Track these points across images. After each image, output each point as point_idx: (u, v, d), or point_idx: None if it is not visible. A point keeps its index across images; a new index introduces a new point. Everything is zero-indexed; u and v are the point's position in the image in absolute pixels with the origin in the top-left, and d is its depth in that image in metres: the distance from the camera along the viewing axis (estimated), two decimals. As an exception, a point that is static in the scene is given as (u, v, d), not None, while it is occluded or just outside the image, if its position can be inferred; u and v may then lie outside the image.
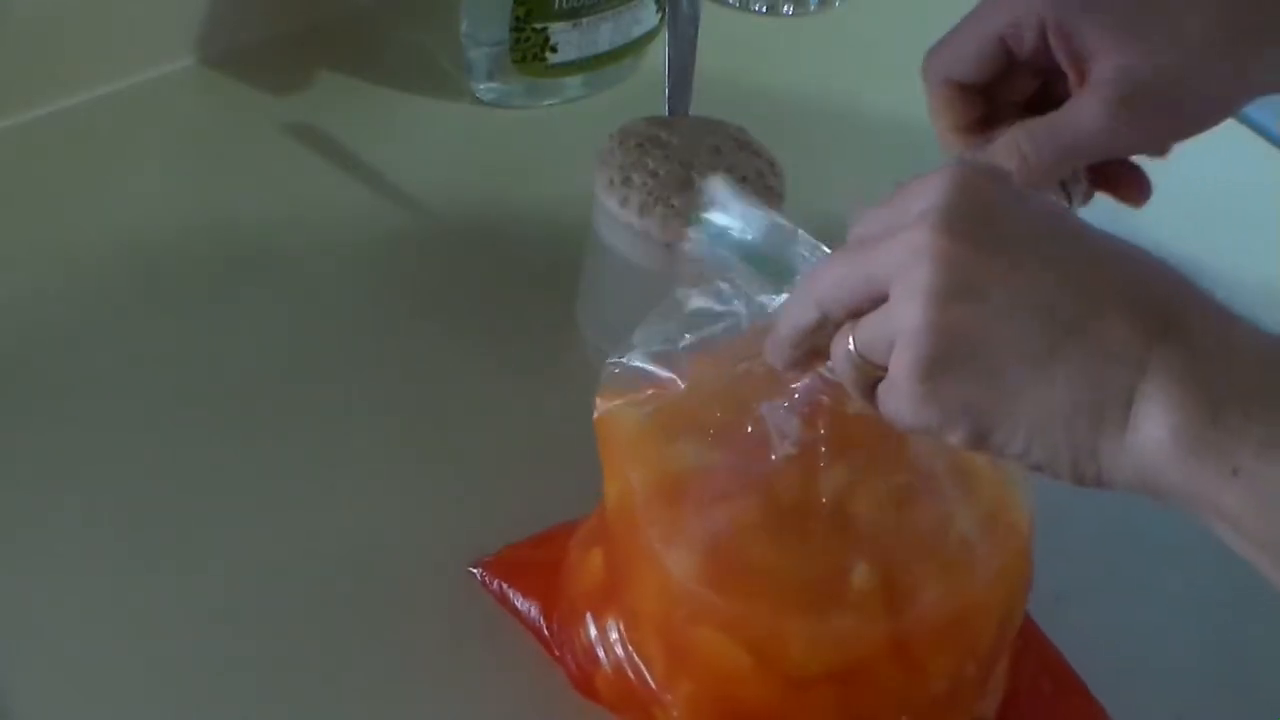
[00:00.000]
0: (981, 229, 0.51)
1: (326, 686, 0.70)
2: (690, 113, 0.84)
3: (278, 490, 0.76)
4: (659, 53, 0.98)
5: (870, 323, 0.54)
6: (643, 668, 0.66)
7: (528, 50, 0.93)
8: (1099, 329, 0.50)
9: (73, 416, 0.79)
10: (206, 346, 0.83)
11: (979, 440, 0.53)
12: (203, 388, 0.81)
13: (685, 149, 0.78)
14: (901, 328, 0.52)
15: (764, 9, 1.05)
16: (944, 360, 0.51)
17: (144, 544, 0.74)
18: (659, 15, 0.96)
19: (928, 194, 0.52)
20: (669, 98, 0.83)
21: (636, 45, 0.97)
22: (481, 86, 0.96)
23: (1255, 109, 0.98)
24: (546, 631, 0.71)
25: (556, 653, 0.70)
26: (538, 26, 0.92)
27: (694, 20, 0.82)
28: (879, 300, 0.53)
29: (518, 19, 0.92)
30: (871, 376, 0.54)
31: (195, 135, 0.95)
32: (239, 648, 0.70)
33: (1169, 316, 0.51)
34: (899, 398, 0.53)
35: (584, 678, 0.69)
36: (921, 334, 0.51)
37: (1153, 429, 0.50)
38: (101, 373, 0.81)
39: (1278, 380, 0.49)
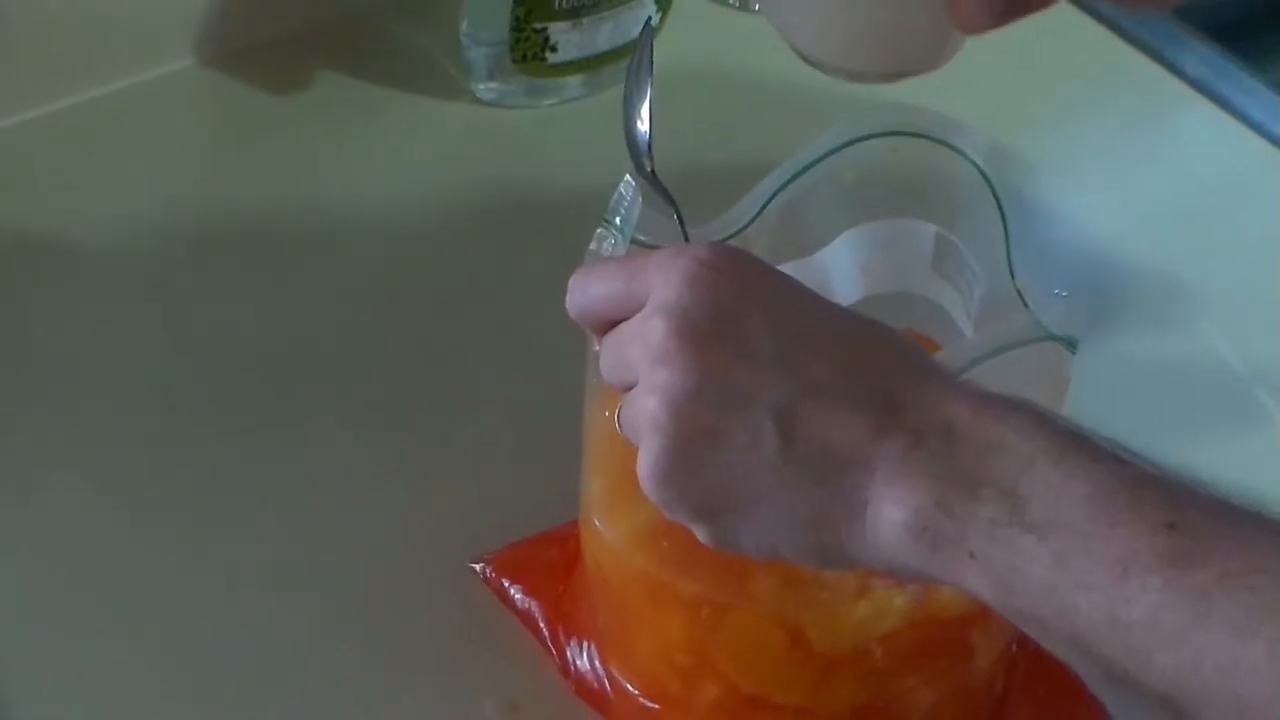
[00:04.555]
0: (715, 329, 0.52)
1: (325, 684, 0.70)
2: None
3: (278, 487, 0.76)
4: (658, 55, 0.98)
5: (627, 406, 0.54)
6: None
7: (528, 50, 0.93)
8: (827, 430, 0.51)
9: (70, 417, 0.79)
10: (204, 346, 0.83)
11: (723, 543, 0.53)
12: (201, 387, 0.81)
13: None
14: (643, 425, 0.52)
15: (764, 9, 1.05)
16: (679, 466, 0.52)
17: (143, 541, 0.74)
18: (659, 15, 0.96)
19: (667, 283, 0.53)
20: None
21: (636, 45, 0.96)
22: (481, 86, 0.96)
23: (1255, 109, 0.98)
24: (546, 634, 0.71)
25: (554, 654, 0.70)
26: (538, 26, 0.92)
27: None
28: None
29: (518, 19, 0.92)
30: None
31: (195, 135, 0.95)
32: (238, 645, 0.70)
33: (891, 404, 0.51)
34: (647, 491, 0.53)
35: (579, 682, 0.69)
36: (656, 438, 0.52)
37: (887, 527, 0.50)
38: (99, 371, 0.81)
39: (999, 459, 0.49)
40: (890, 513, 0.50)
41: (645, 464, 0.52)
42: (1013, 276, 0.62)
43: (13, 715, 0.68)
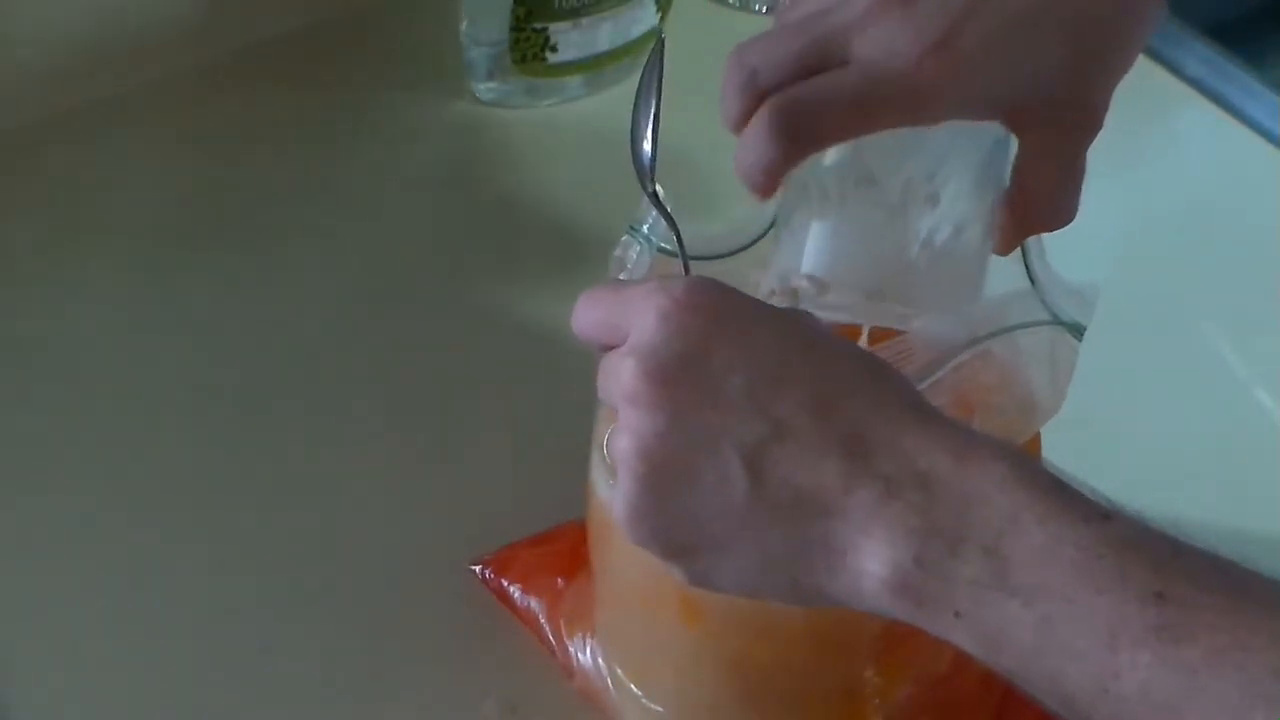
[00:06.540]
0: (684, 369, 0.51)
1: (326, 684, 0.70)
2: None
3: (278, 488, 0.77)
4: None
5: (611, 438, 0.54)
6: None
7: (528, 50, 0.93)
8: (795, 473, 0.50)
9: (71, 416, 0.79)
10: (204, 346, 0.83)
11: (699, 581, 0.53)
12: (202, 387, 0.81)
13: None
14: (618, 462, 0.52)
15: (764, 9, 1.05)
16: (650, 505, 0.52)
17: (142, 541, 0.74)
18: (659, 15, 0.96)
19: (641, 322, 0.52)
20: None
21: (636, 45, 0.97)
22: (481, 86, 0.97)
23: (1255, 109, 0.98)
24: (548, 629, 0.71)
25: (555, 650, 0.70)
26: (538, 26, 0.92)
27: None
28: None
29: (518, 19, 0.92)
30: None
31: (195, 136, 0.95)
32: (238, 645, 0.71)
33: (862, 448, 0.50)
34: (622, 528, 0.53)
35: (582, 679, 0.69)
36: (628, 477, 0.52)
37: (868, 580, 0.50)
38: (98, 371, 0.81)
39: (979, 513, 0.48)
40: (870, 566, 0.49)
41: (619, 502, 0.52)
42: (1025, 259, 0.62)
43: (13, 715, 0.68)
